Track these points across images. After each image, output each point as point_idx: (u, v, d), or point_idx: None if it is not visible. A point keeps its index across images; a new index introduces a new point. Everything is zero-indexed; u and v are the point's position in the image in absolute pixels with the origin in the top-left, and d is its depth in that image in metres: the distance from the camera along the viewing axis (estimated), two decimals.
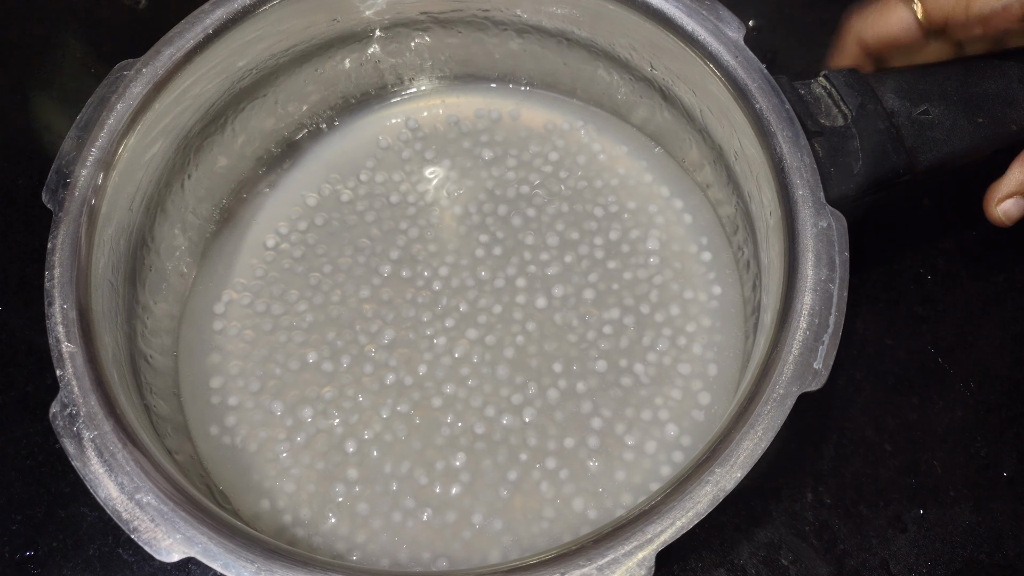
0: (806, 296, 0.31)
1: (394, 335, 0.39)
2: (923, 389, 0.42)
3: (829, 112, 0.36)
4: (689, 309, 0.40)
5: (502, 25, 0.43)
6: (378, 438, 0.37)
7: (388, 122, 0.46)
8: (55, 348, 0.30)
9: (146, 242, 0.38)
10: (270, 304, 0.40)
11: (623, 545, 0.27)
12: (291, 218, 0.43)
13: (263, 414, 0.38)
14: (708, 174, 0.42)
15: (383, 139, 0.45)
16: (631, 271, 0.41)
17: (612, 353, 0.39)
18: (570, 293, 0.40)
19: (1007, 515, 0.39)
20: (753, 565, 0.38)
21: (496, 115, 0.45)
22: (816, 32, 0.52)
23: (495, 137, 0.45)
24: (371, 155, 0.44)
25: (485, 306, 0.40)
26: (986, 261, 0.45)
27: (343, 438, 0.37)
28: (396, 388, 0.38)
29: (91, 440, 0.29)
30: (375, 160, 0.44)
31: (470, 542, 0.36)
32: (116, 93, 0.35)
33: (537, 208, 0.42)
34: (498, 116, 0.45)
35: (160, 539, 0.28)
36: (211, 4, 0.37)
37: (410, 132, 0.45)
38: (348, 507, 0.36)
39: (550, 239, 0.41)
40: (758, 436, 0.29)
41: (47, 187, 0.33)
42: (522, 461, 0.37)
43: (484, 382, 0.38)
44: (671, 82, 0.40)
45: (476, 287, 0.41)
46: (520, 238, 0.42)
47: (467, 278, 0.41)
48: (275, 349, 0.39)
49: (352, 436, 0.37)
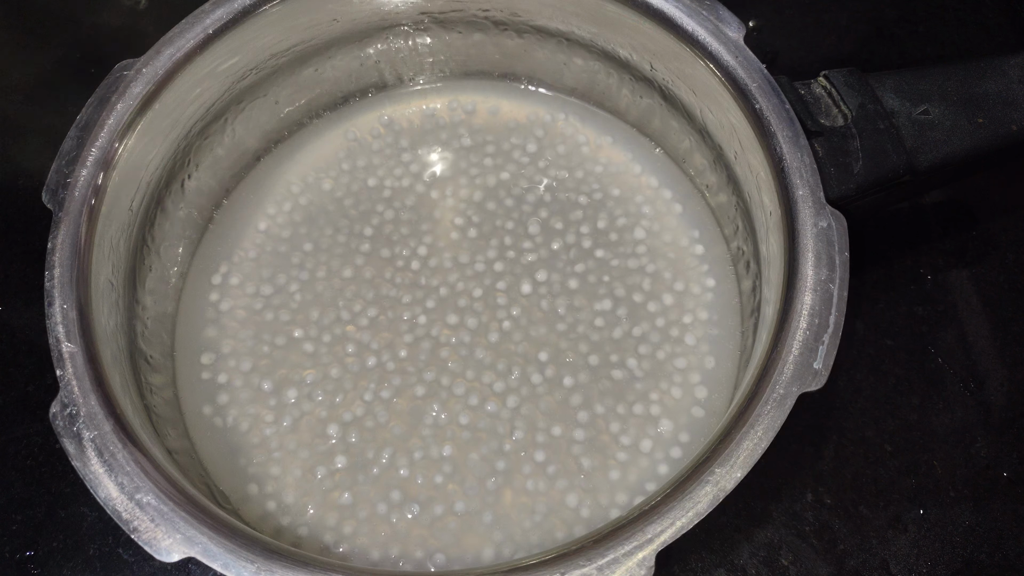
0: (806, 296, 0.31)
1: (376, 314, 0.40)
2: (923, 389, 0.42)
3: (829, 112, 0.36)
4: (685, 302, 0.40)
5: (502, 25, 0.43)
6: (374, 429, 0.38)
7: (386, 119, 0.46)
8: (55, 348, 0.30)
9: (146, 242, 0.38)
10: (260, 286, 0.41)
11: (623, 545, 0.27)
12: (284, 210, 0.43)
13: (252, 392, 0.38)
14: (708, 174, 0.42)
15: (384, 137, 0.45)
16: (620, 260, 0.41)
17: (604, 344, 0.39)
18: (555, 280, 0.41)
19: (1007, 515, 0.39)
20: (753, 565, 0.38)
21: (494, 110, 0.46)
22: (816, 32, 0.52)
23: (487, 132, 0.45)
24: (367, 148, 0.45)
25: (465, 289, 0.41)
26: (986, 261, 0.45)
27: (344, 432, 0.37)
28: (378, 372, 0.39)
29: (91, 440, 0.29)
30: (370, 153, 0.45)
31: (460, 535, 0.36)
32: (116, 93, 0.35)
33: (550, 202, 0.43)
34: (496, 110, 0.46)
35: (160, 539, 0.28)
36: (211, 4, 0.37)
37: (414, 127, 0.45)
38: (334, 497, 0.36)
39: (583, 228, 0.42)
40: (758, 436, 0.29)
41: (47, 187, 0.33)
42: (519, 456, 0.37)
43: (467, 367, 0.39)
44: (671, 82, 0.40)
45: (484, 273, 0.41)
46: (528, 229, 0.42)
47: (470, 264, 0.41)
48: (264, 328, 0.40)
49: (351, 426, 0.38)
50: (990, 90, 0.37)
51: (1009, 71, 0.37)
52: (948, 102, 0.36)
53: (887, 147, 0.35)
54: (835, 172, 0.34)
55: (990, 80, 0.37)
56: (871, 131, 0.35)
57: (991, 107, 0.36)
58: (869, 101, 0.36)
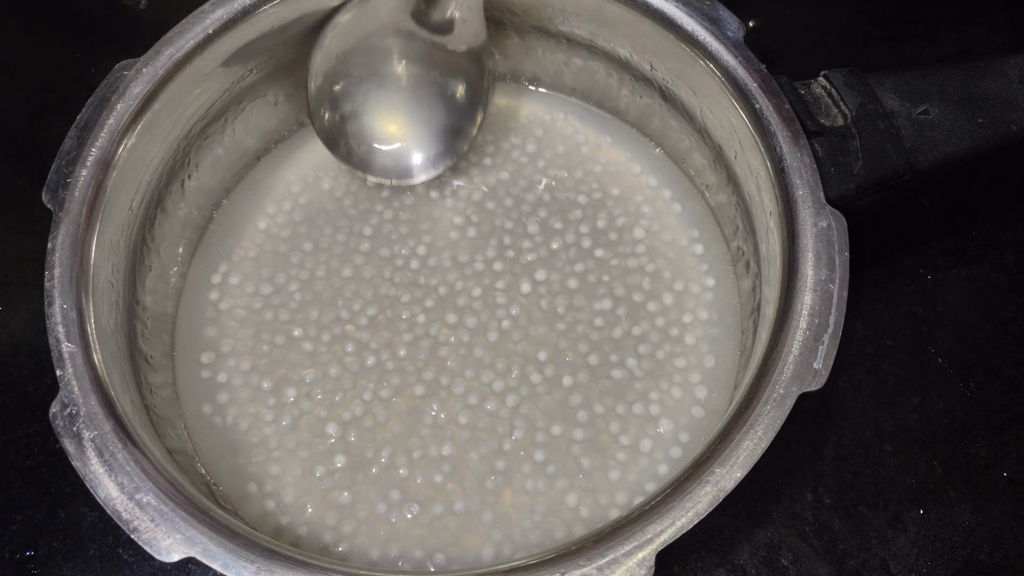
0: (806, 296, 0.31)
1: (375, 313, 0.40)
2: (923, 389, 0.42)
3: (829, 112, 0.36)
4: (684, 301, 0.40)
5: (501, 25, 0.43)
6: (373, 429, 0.38)
7: None
8: (55, 348, 0.30)
9: (146, 242, 0.38)
10: (259, 285, 0.41)
11: (623, 545, 0.27)
12: (284, 210, 0.43)
13: (251, 391, 0.38)
14: (708, 174, 0.42)
15: None
16: (619, 259, 0.41)
17: (604, 344, 0.39)
18: (554, 279, 0.41)
19: (1007, 515, 0.39)
20: (753, 565, 0.38)
21: (494, 109, 0.45)
22: (816, 32, 0.52)
23: (486, 131, 0.45)
24: None
25: (464, 288, 0.41)
26: (986, 261, 0.45)
27: (343, 431, 0.37)
28: (378, 371, 0.39)
29: (91, 440, 0.29)
30: None
31: (460, 535, 0.36)
32: (116, 93, 0.35)
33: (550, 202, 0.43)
34: (495, 110, 0.45)
35: (160, 539, 0.28)
36: (211, 4, 0.37)
37: None
38: (334, 496, 0.36)
39: (582, 228, 0.42)
40: (758, 436, 0.29)
41: (47, 187, 0.33)
42: (519, 455, 0.37)
43: (466, 366, 0.39)
44: (671, 82, 0.40)
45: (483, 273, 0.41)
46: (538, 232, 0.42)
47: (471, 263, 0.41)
48: (263, 328, 0.40)
49: (351, 425, 0.38)
50: (990, 90, 0.37)
51: (1009, 71, 0.37)
52: (948, 102, 0.36)
53: (887, 147, 0.35)
54: (835, 172, 0.34)
55: (990, 80, 0.37)
56: (871, 131, 0.35)
57: (991, 107, 0.36)
58: (869, 101, 0.36)
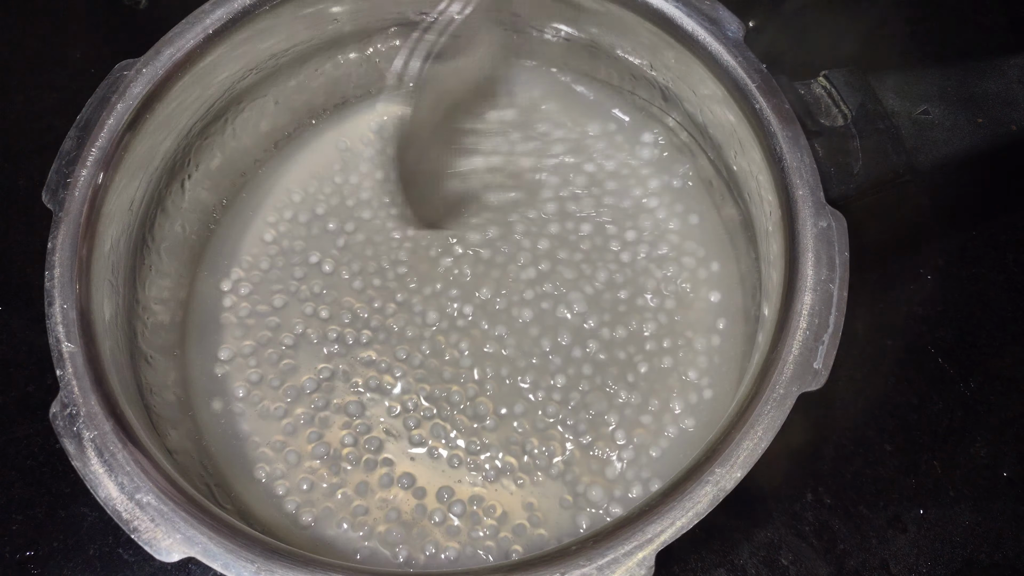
0: (806, 296, 0.31)
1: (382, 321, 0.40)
2: (923, 389, 0.42)
3: (829, 112, 0.36)
4: (685, 303, 0.40)
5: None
6: (377, 430, 0.37)
7: (386, 120, 0.46)
8: (55, 348, 0.30)
9: (146, 242, 0.38)
10: (260, 286, 0.41)
11: (623, 545, 0.27)
12: (285, 211, 0.43)
13: (253, 392, 0.39)
14: (708, 174, 0.42)
15: (385, 138, 0.45)
16: (621, 261, 0.41)
17: (606, 344, 0.39)
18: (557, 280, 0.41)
19: (1007, 515, 0.39)
20: (753, 565, 0.38)
21: None
22: (816, 32, 0.52)
23: None
24: (370, 144, 0.45)
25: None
26: (986, 261, 0.45)
27: (347, 433, 0.38)
28: (381, 372, 0.39)
29: (91, 440, 0.29)
30: (372, 154, 0.44)
31: (461, 534, 0.36)
32: (116, 93, 0.35)
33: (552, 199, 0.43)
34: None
35: (160, 539, 0.28)
36: (211, 4, 0.37)
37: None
38: (336, 497, 0.36)
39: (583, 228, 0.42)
40: (758, 436, 0.29)
41: (47, 187, 0.33)
42: (519, 455, 0.37)
43: (471, 367, 0.39)
44: (671, 82, 0.40)
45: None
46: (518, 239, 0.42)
47: None
48: (266, 328, 0.40)
49: (355, 427, 0.38)
50: (990, 90, 0.37)
51: (1009, 71, 0.37)
52: (948, 102, 0.36)
53: (887, 147, 0.35)
54: (835, 172, 0.34)
55: (990, 80, 0.37)
56: (871, 131, 0.35)
57: (991, 107, 0.36)
58: (869, 101, 0.36)
